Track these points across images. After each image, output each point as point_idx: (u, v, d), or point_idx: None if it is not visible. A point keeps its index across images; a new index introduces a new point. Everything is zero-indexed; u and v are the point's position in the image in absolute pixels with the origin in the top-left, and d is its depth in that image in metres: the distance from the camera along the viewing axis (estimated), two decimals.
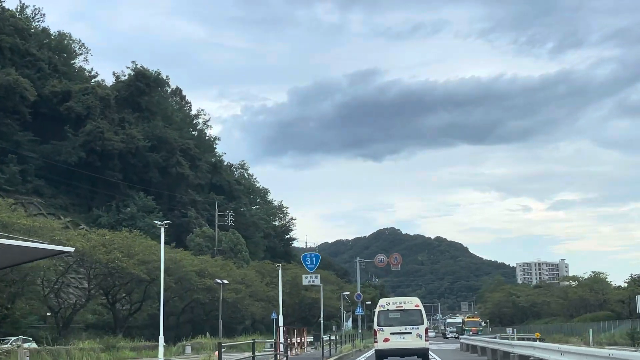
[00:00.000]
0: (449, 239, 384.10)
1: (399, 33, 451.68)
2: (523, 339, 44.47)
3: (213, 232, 71.54)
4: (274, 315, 61.12)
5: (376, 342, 27.50)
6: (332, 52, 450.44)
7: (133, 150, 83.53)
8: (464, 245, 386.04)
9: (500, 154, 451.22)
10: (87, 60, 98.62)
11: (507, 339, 45.71)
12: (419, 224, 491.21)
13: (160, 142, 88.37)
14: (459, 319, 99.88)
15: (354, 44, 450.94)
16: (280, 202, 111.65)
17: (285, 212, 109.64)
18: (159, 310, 59.17)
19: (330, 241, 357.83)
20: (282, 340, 34.48)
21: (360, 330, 64.31)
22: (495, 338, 43.35)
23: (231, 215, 78.31)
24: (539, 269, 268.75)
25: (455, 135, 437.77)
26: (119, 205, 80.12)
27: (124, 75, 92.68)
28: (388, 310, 27.82)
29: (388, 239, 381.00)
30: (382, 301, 29.47)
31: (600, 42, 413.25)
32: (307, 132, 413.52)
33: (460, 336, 59.03)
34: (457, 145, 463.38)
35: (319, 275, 36.04)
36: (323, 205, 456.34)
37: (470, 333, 72.73)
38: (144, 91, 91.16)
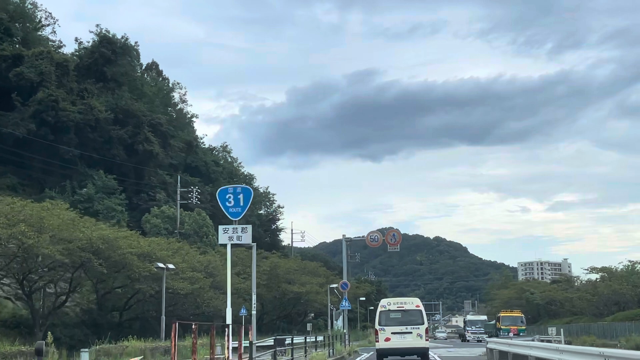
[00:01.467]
0: (448, 239, 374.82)
1: (398, 33, 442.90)
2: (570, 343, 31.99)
3: (175, 211, 59.01)
4: (243, 311, 48.55)
5: (377, 341, 27.59)
6: (331, 52, 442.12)
7: (92, 123, 70.86)
8: (463, 245, 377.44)
9: (500, 154, 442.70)
10: (54, 32, 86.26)
11: (550, 341, 33.45)
12: (419, 224, 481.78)
13: (127, 116, 75.76)
14: (483, 316, 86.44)
15: (352, 44, 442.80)
16: (267, 189, 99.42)
17: (271, 199, 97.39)
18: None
19: (328, 241, 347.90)
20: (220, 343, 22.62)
21: (346, 330, 51.45)
22: (533, 341, 30.41)
23: (196, 191, 65.51)
24: (541, 268, 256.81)
25: (454, 135, 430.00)
26: (74, 186, 67.57)
27: (88, 42, 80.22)
28: (389, 310, 27.90)
29: None
30: (383, 301, 29.56)
31: (600, 43, 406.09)
32: (306, 132, 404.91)
33: (491, 338, 39.36)
34: (456, 145, 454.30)
35: (249, 229, 22.25)
36: (322, 206, 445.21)
37: (509, 334, 56.67)
38: (110, 59, 78.59)
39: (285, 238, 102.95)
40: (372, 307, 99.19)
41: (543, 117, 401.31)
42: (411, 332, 27.13)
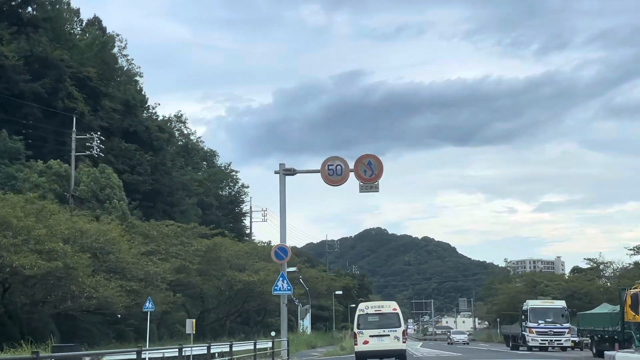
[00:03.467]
0: (436, 239, 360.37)
1: (384, 34, 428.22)
2: None
3: (68, 167, 41.60)
4: (148, 305, 31.35)
5: (356, 344, 27.61)
6: (318, 54, 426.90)
7: None
8: (452, 245, 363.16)
9: (487, 155, 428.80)
10: None
11: None
12: (407, 225, 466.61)
13: (45, 66, 58.40)
14: (559, 302, 46.14)
15: (339, 45, 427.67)
16: (229, 165, 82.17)
17: (235, 178, 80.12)
18: None
19: (315, 242, 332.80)
20: None
21: (308, 328, 34.35)
22: None
23: (98, 138, 47.87)
24: (534, 267, 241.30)
25: (442, 137, 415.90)
26: None
27: None
28: (367, 314, 27.90)
29: (374, 239, 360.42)
30: (361, 305, 29.48)
31: (585, 44, 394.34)
32: (293, 134, 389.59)
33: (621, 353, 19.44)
34: (443, 147, 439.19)
35: None
36: (309, 208, 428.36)
37: None
38: None
39: (256, 228, 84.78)
40: (354, 305, 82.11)
41: (529, 118, 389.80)
42: (389, 335, 27.22)
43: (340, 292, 65.90)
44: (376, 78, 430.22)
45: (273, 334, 32.77)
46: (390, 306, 28.47)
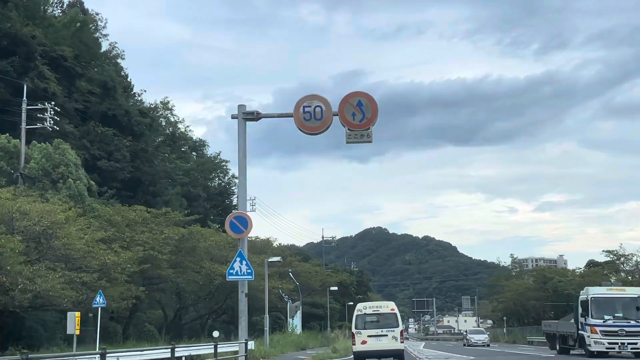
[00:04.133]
0: (437, 238, 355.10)
1: (384, 34, 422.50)
2: None
3: (18, 143, 36.08)
4: (98, 300, 25.92)
5: (354, 344, 27.39)
6: (318, 53, 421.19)
7: None
8: (453, 245, 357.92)
9: (486, 155, 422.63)
10: None
11: None
12: (407, 225, 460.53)
13: (13, 43, 53.09)
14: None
15: (339, 45, 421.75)
16: (218, 155, 76.62)
17: (225, 168, 74.50)
18: None
19: (315, 241, 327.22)
20: None
21: (297, 328, 28.99)
22: None
23: (52, 108, 42.17)
24: (536, 265, 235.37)
25: (441, 136, 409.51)
26: None
27: None
28: (365, 314, 27.77)
29: (375, 238, 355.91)
30: (359, 306, 29.00)
31: (585, 44, 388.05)
32: (293, 134, 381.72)
33: None
34: (443, 146, 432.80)
35: None
36: (309, 208, 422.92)
37: None
38: None
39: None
40: (352, 303, 76.52)
41: (529, 117, 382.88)
42: (387, 335, 26.97)
43: (336, 288, 60.20)
44: (376, 78, 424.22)
45: (216, 334, 27.16)
46: (388, 306, 28.58)
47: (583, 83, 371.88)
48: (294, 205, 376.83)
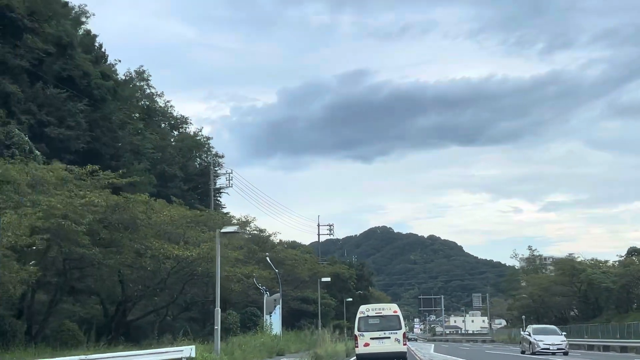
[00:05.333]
0: (442, 237, 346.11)
1: (389, 34, 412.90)
2: None
3: None
4: None
5: (357, 346, 26.69)
6: (322, 53, 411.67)
7: None
8: (458, 244, 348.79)
9: (491, 155, 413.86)
10: None
11: None
12: (411, 225, 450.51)
13: None
14: None
15: (343, 45, 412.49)
16: (200, 130, 66.60)
17: (208, 146, 64.32)
18: None
19: (321, 241, 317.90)
20: None
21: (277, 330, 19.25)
22: None
23: None
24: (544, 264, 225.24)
25: (446, 136, 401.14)
26: None
27: None
28: (368, 316, 27.16)
29: (379, 237, 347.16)
30: (362, 308, 28.29)
31: (590, 43, 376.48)
32: (297, 133, 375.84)
33: None
34: (447, 146, 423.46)
35: None
36: (313, 208, 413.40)
37: None
38: None
39: (229, 203, 66.21)
40: (351, 299, 66.50)
41: (534, 117, 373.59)
42: (389, 337, 26.40)
43: (329, 279, 49.60)
44: (380, 77, 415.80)
45: None
46: (390, 308, 28.21)
47: (588, 83, 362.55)
48: (297, 205, 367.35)
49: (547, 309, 64.77)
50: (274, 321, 32.59)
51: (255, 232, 49.82)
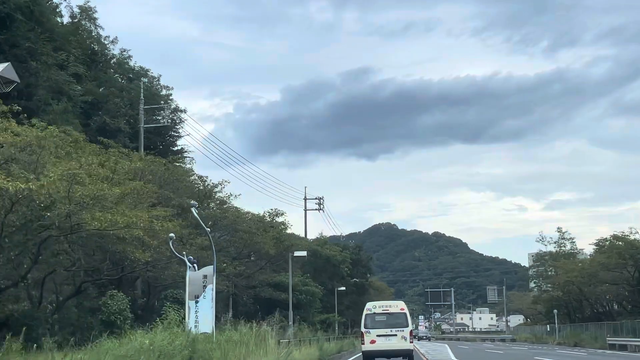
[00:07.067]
0: (447, 235, 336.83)
1: (393, 31, 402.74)
2: None
3: None
4: None
5: (363, 343, 26.58)
6: (326, 51, 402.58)
7: None
8: (463, 241, 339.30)
9: (496, 153, 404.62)
10: None
11: None
12: (415, 223, 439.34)
13: None
14: None
15: (347, 43, 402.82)
16: (157, 79, 53.25)
17: (167, 98, 50.67)
18: None
19: (327, 235, 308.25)
20: None
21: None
22: None
23: None
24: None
25: (450, 134, 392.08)
26: None
27: None
28: (375, 313, 26.88)
29: (384, 234, 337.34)
30: (369, 304, 27.91)
31: (595, 41, 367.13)
32: (300, 131, 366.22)
33: None
34: (452, 144, 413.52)
35: None
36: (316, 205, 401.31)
37: None
38: None
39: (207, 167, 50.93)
40: (344, 288, 52.93)
41: (539, 115, 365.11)
42: (396, 335, 26.17)
43: (304, 254, 34.87)
44: (384, 75, 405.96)
45: None
46: (397, 306, 27.60)
47: (593, 81, 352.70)
48: (301, 203, 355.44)
49: (581, 302, 51.24)
50: (203, 311, 19.02)
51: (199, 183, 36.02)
